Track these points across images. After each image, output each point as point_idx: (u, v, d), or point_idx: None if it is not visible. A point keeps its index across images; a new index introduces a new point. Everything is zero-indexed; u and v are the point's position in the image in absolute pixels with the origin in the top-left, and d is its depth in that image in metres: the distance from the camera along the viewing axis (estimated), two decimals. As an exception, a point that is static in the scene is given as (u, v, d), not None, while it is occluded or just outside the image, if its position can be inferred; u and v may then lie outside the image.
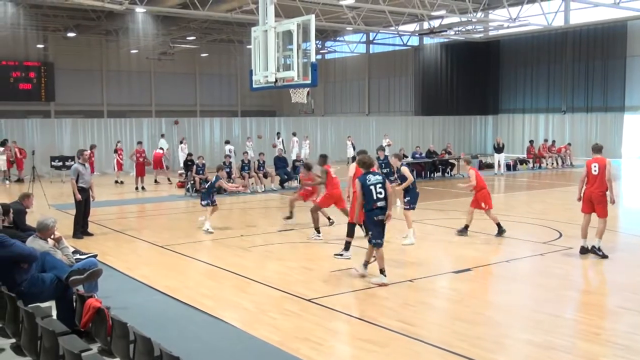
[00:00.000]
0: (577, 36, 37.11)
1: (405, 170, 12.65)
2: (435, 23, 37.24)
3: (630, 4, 32.15)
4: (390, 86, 46.64)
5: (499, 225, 12.96)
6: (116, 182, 24.59)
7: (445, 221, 15.04)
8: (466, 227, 13.12)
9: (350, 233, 11.08)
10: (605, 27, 35.39)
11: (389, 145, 33.49)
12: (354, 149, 31.84)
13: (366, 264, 9.72)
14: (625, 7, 31.53)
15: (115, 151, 26.15)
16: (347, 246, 11.10)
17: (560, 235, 13.02)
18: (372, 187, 9.28)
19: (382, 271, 9.29)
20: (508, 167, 29.18)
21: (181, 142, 28.46)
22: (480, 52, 41.48)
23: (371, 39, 47.59)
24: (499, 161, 27.75)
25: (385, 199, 9.27)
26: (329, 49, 50.04)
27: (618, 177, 25.78)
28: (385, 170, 15.39)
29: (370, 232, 9.49)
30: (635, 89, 35.21)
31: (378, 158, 16.02)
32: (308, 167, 14.36)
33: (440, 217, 15.65)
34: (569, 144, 32.47)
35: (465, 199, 19.15)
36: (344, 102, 50.33)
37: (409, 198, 12.65)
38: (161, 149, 25.90)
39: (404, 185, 12.57)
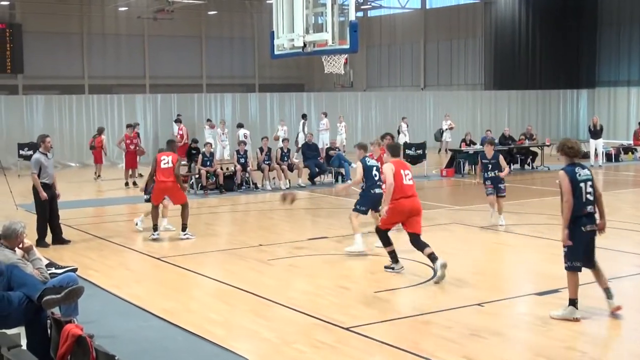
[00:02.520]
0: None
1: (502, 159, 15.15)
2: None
3: None
4: (452, 52, 46.29)
5: None
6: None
7: (523, 228, 14.90)
8: None
9: (386, 242, 11.12)
10: None
11: (450, 128, 33.34)
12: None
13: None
14: None
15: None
16: (394, 257, 11.10)
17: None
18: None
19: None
20: (608, 156, 28.81)
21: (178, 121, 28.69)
22: (572, 7, 40.93)
23: (428, -10, 47.34)
24: (595, 149, 27.41)
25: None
26: (372, 4, 49.85)
27: None
28: (492, 174, 15.25)
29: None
30: None
31: (483, 157, 15.54)
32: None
33: (517, 223, 15.51)
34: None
35: (552, 198, 18.97)
36: (393, 72, 50.14)
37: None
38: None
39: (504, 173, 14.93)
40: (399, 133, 32.10)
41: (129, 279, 11.27)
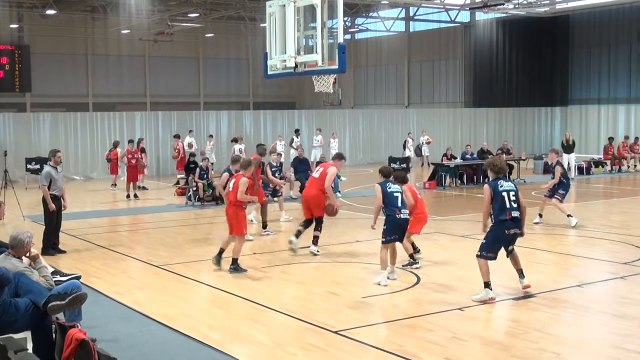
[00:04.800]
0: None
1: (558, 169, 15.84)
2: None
3: None
4: (434, 72, 46.48)
5: None
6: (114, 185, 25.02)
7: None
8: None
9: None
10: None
11: (428, 143, 33.41)
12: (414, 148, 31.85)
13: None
14: None
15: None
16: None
17: (645, 254, 12.85)
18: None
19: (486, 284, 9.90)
20: (580, 170, 28.92)
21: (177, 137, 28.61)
22: (546, 30, 41.22)
23: (411, 14, 47.51)
24: (568, 163, 27.51)
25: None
26: (359, 27, 50.03)
27: None
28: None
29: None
30: None
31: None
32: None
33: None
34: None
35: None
36: (378, 91, 50.30)
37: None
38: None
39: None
40: (404, 148, 32.20)
41: (130, 286, 11.22)
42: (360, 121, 37.56)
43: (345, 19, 46.24)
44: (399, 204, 10.88)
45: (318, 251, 13.08)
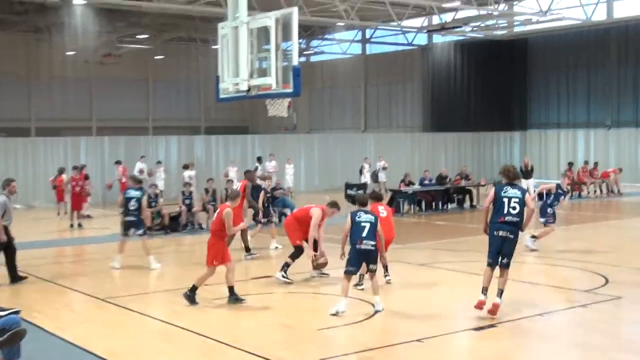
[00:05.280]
0: (624, 33, 37.65)
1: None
2: (448, 17, 37.68)
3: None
4: (391, 96, 46.94)
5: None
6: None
7: (461, 264, 15.02)
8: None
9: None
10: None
11: (384, 168, 33.61)
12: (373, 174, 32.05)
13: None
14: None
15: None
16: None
17: (607, 281, 13.04)
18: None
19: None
20: (540, 196, 29.23)
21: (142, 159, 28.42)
22: (504, 53, 41.95)
23: (368, 36, 48.03)
24: (527, 188, 27.82)
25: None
26: (315, 50, 50.39)
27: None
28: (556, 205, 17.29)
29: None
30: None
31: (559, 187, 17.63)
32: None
33: (455, 260, 15.64)
34: (620, 169, 32.60)
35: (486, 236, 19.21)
36: (335, 115, 50.59)
37: None
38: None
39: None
40: (361, 173, 32.28)
41: (73, 321, 11.00)
42: (316, 146, 37.66)
43: (300, 41, 46.44)
44: (364, 234, 10.87)
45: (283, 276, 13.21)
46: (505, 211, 10.47)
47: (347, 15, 33.93)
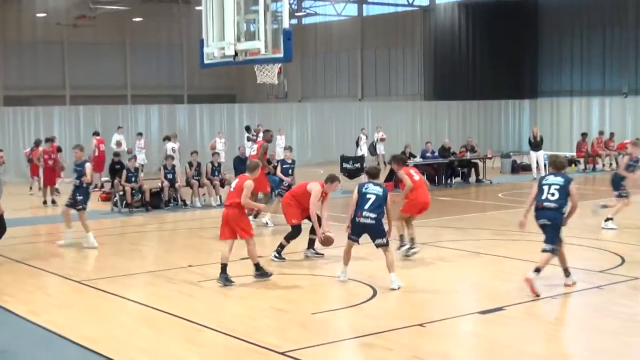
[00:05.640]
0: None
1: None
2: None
3: None
4: (390, 61, 46.80)
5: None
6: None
7: (465, 243, 15.07)
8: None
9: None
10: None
11: (382, 140, 33.56)
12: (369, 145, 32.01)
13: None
14: None
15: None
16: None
17: (623, 261, 13.10)
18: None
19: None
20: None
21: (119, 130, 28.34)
22: (513, 14, 41.72)
23: (365, -4, 47.78)
24: (537, 161, 27.82)
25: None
26: (307, 11, 50.10)
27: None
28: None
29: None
30: None
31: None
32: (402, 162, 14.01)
33: (459, 238, 15.68)
34: (637, 139, 32.50)
35: (494, 212, 19.26)
36: (329, 82, 50.44)
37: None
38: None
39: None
40: (357, 145, 32.24)
41: (48, 305, 11.00)
42: (309, 116, 37.58)
43: (292, 1, 46.30)
44: (366, 206, 11.28)
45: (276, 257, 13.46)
46: (544, 197, 11.04)
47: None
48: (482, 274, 12.57)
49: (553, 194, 11.01)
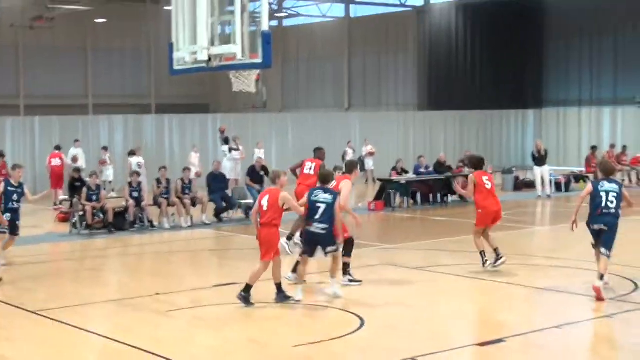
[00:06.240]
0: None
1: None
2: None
3: None
4: (381, 68, 46.94)
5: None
6: None
7: (462, 268, 15.09)
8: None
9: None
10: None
11: (371, 154, 33.63)
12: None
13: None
14: None
15: None
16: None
17: (637, 287, 13.17)
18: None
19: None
20: (558, 185, 29.41)
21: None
22: (516, 17, 41.91)
23: (352, -4, 47.96)
24: (542, 177, 27.91)
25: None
26: (288, 12, 50.24)
27: None
28: None
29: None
30: None
31: None
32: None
33: (455, 263, 15.72)
34: None
35: (497, 234, 19.33)
36: (313, 91, 50.52)
37: None
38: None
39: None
40: (343, 160, 32.29)
41: (-2, 337, 10.96)
42: (290, 127, 37.57)
43: (271, 1, 46.41)
44: (317, 216, 11.87)
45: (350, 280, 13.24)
46: (604, 204, 12.48)
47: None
48: (480, 301, 12.61)
49: (612, 202, 12.45)
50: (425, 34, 43.82)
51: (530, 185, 29.65)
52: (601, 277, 12.11)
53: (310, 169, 17.14)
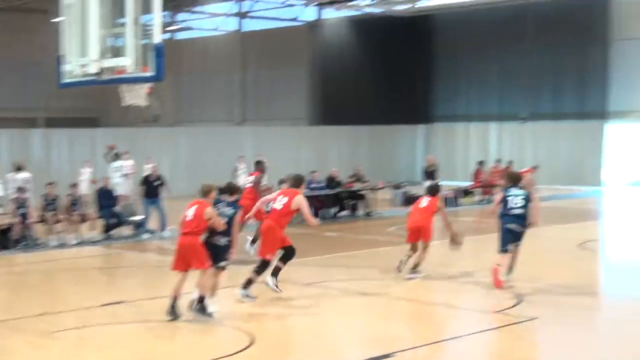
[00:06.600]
0: (542, 11, 38.86)
1: None
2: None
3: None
4: (273, 82, 46.97)
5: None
6: None
7: (355, 283, 15.19)
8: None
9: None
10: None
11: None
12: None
13: None
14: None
15: None
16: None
17: (520, 300, 13.44)
18: None
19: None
20: (446, 200, 29.89)
21: None
22: (406, 33, 42.42)
23: (245, 10, 47.89)
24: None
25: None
26: (181, 25, 49.88)
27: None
28: None
29: None
30: (623, 87, 37.21)
31: None
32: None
33: (347, 278, 15.80)
34: (535, 167, 33.40)
35: (387, 249, 19.54)
36: (206, 105, 50.20)
37: None
38: None
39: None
40: (233, 175, 32.07)
41: None
42: (183, 142, 37.28)
43: (164, 14, 45.86)
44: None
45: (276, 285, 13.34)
46: (509, 207, 14.40)
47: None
48: (370, 316, 12.69)
49: (517, 204, 14.35)
50: (318, 49, 44.06)
51: (418, 199, 30.00)
52: (509, 270, 14.34)
53: (250, 182, 18.79)
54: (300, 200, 13.30)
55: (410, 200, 30.75)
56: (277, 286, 13.22)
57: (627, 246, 21.28)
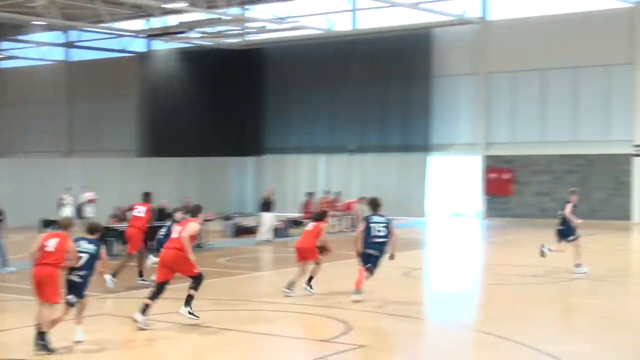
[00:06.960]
0: (369, 47, 39.93)
1: None
2: (171, 20, 37.83)
3: (433, 4, 35.63)
4: (102, 112, 46.16)
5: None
6: None
7: (181, 315, 14.94)
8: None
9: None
10: (404, 35, 38.67)
11: (91, 201, 32.84)
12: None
13: None
14: (427, 8, 34.84)
15: None
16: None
17: (350, 328, 13.53)
18: None
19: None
20: (277, 231, 30.00)
21: None
22: (237, 66, 42.76)
23: (72, 39, 46.97)
24: (266, 223, 28.44)
25: None
26: (6, 54, 48.45)
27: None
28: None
29: None
30: (444, 121, 38.61)
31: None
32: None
33: (173, 310, 15.54)
34: (362, 198, 34.08)
35: (219, 280, 19.40)
36: (30, 135, 48.73)
37: None
38: None
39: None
40: (59, 208, 31.12)
41: None
42: (5, 174, 35.96)
43: (-15, 41, 44.48)
44: (78, 264, 12.15)
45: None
46: (373, 234, 15.45)
47: (47, 12, 32.97)
48: (199, 347, 12.53)
49: (380, 231, 15.43)
50: (147, 80, 43.64)
51: (250, 231, 30.08)
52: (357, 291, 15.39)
53: (140, 212, 18.67)
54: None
55: (241, 231, 30.88)
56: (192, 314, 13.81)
57: (449, 274, 21.98)
